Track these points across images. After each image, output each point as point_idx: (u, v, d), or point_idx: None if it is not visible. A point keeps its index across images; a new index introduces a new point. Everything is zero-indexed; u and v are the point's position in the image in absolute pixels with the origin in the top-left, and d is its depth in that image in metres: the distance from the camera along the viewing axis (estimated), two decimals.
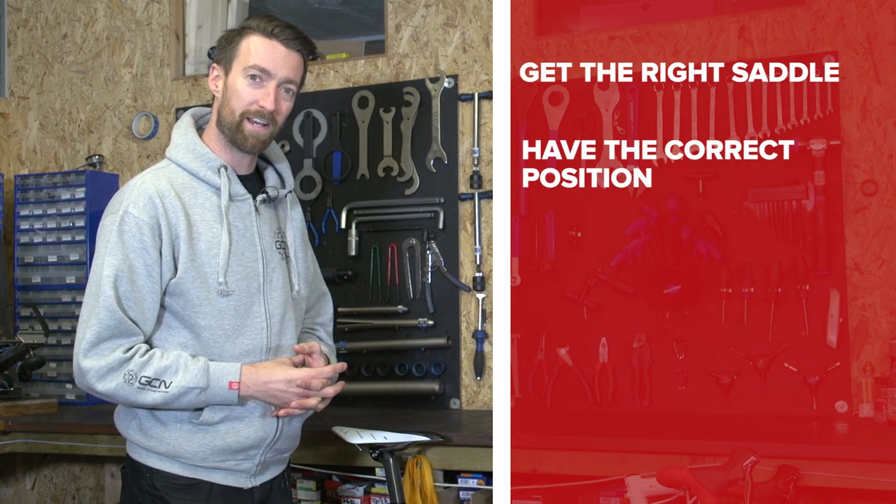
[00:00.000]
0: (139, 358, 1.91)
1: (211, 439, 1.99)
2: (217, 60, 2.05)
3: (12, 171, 3.98)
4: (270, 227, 2.08)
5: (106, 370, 1.90)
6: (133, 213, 1.93)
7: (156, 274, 1.94)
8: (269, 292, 2.04)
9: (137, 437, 2.02)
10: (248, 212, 2.04)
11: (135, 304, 1.92)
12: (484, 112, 3.31)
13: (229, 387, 1.93)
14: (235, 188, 2.02)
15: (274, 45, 1.99)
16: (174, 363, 1.92)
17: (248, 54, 1.99)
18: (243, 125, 1.99)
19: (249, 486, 2.06)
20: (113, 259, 1.92)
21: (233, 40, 2.02)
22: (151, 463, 2.01)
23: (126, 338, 1.92)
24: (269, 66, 1.98)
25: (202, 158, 2.01)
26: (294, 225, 2.15)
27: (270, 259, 2.06)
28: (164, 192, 1.96)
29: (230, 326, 1.99)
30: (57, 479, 3.75)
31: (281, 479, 2.16)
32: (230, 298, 1.98)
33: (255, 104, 1.99)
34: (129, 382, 1.90)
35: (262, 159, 2.16)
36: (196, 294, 1.96)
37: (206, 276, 1.96)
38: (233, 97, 1.99)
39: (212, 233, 1.98)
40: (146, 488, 2.01)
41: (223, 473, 2.02)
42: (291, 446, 2.16)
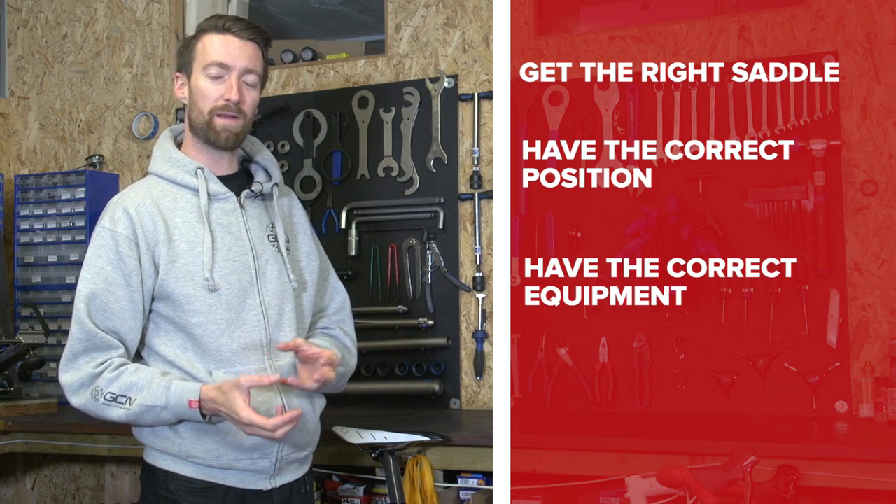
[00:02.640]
0: (108, 374, 1.93)
1: (223, 436, 1.97)
2: (179, 69, 2.09)
3: (12, 171, 3.98)
4: (260, 222, 2.09)
5: (77, 385, 1.94)
6: (108, 227, 1.98)
7: (135, 283, 1.96)
8: (264, 285, 2.04)
9: (151, 439, 2.02)
10: (233, 208, 2.05)
11: (110, 315, 1.95)
12: (484, 112, 3.31)
13: (189, 405, 1.91)
14: (214, 187, 2.04)
15: (228, 39, 2.03)
16: (141, 380, 1.93)
17: (205, 53, 2.03)
18: (213, 121, 2.02)
19: (268, 487, 2.03)
20: (87, 274, 1.97)
21: (189, 45, 2.07)
22: (165, 465, 2.00)
23: (101, 351, 1.94)
24: (226, 60, 2.02)
25: (178, 164, 2.04)
26: (283, 215, 2.14)
27: (262, 252, 2.06)
28: (140, 202, 2.00)
29: (223, 321, 1.98)
30: (57, 479, 3.75)
31: (301, 482, 2.12)
32: (219, 294, 1.98)
33: (220, 99, 2.02)
34: (95, 398, 1.93)
35: (247, 158, 2.17)
36: (182, 293, 1.96)
37: (191, 274, 1.97)
38: (199, 98, 2.03)
39: (194, 233, 2.00)
40: (160, 492, 2.00)
41: (239, 474, 2.00)
42: (310, 440, 2.12)
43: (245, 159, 2.18)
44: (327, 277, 2.26)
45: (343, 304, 2.29)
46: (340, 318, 2.28)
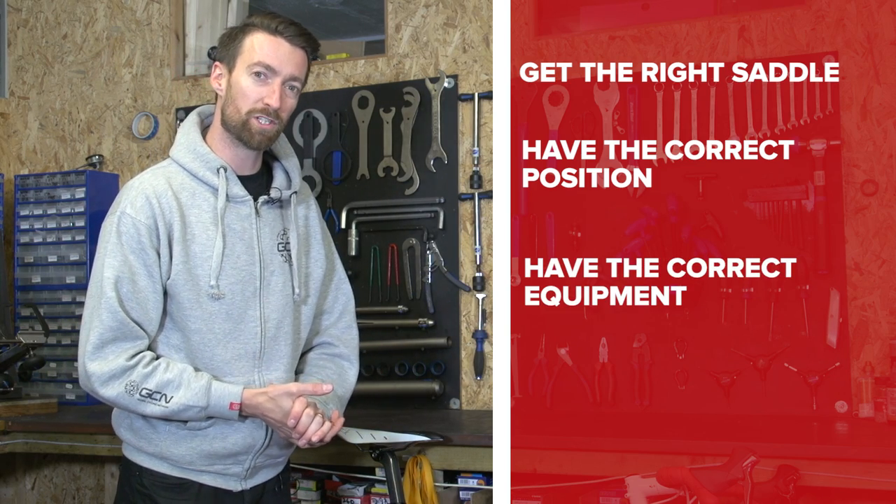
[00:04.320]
0: (143, 368, 1.90)
1: (199, 443, 1.98)
2: (219, 58, 2.02)
3: (12, 171, 3.98)
4: (273, 230, 2.06)
5: (108, 376, 1.89)
6: (130, 214, 1.92)
7: (156, 274, 1.93)
8: (266, 296, 2.02)
9: (128, 436, 2.03)
10: (248, 214, 2.02)
11: (137, 305, 1.92)
12: (484, 112, 3.32)
13: (230, 407, 1.93)
14: (234, 190, 2.00)
15: (279, 42, 1.97)
16: (177, 378, 1.91)
17: (253, 51, 1.96)
18: (250, 123, 1.97)
19: (239, 488, 2.06)
20: (113, 261, 1.91)
21: (236, 37, 2.00)
22: (141, 461, 2.01)
23: (130, 341, 1.91)
24: (274, 64, 1.96)
25: (202, 159, 1.99)
26: (298, 224, 2.10)
27: (270, 262, 2.04)
28: (162, 192, 1.95)
29: (220, 331, 1.97)
30: (57, 479, 3.75)
31: (275, 481, 2.14)
32: (221, 302, 1.96)
33: (260, 102, 1.97)
34: (130, 393, 1.90)
35: (271, 156, 2.12)
36: (186, 297, 1.95)
37: (197, 278, 1.95)
38: (238, 95, 1.97)
39: (206, 235, 1.97)
40: (136, 486, 2.02)
41: (212, 476, 2.02)
42: (285, 452, 2.14)
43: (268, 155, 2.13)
44: (332, 277, 2.23)
45: (346, 306, 2.26)
46: (342, 327, 2.25)
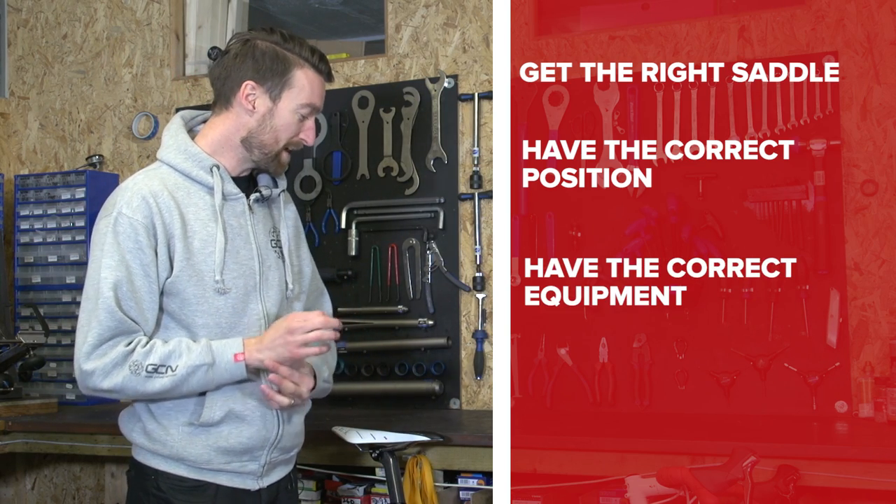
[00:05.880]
0: (141, 349, 1.91)
1: (214, 440, 1.99)
2: (258, 80, 2.00)
3: (12, 171, 3.98)
4: (265, 226, 2.09)
5: (111, 367, 1.89)
6: (127, 214, 1.93)
7: (153, 274, 1.94)
8: (266, 290, 2.05)
9: (141, 439, 2.02)
10: (242, 210, 2.04)
11: (134, 304, 1.92)
12: (484, 112, 3.31)
13: (234, 359, 1.93)
14: (228, 187, 2.02)
15: (321, 81, 2.06)
16: (176, 348, 1.92)
17: (304, 90, 2.02)
18: (282, 155, 2.06)
19: (256, 487, 2.05)
20: (110, 261, 1.92)
21: (286, 68, 2.01)
22: (156, 465, 2.00)
23: (126, 335, 1.92)
24: (319, 104, 2.06)
25: (194, 158, 2.01)
26: (288, 224, 2.15)
27: (266, 257, 2.06)
28: (158, 191, 1.96)
29: (226, 325, 1.99)
30: (57, 479, 3.75)
31: (288, 480, 2.15)
32: (227, 297, 1.98)
33: (297, 136, 2.06)
34: (136, 373, 1.90)
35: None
36: (192, 293, 1.96)
37: (201, 274, 1.97)
38: (281, 127, 2.02)
39: (206, 231, 1.98)
40: (151, 490, 2.00)
41: (229, 475, 2.02)
42: (296, 443, 2.15)
43: None
44: (315, 280, 2.28)
45: (328, 310, 2.30)
46: None
